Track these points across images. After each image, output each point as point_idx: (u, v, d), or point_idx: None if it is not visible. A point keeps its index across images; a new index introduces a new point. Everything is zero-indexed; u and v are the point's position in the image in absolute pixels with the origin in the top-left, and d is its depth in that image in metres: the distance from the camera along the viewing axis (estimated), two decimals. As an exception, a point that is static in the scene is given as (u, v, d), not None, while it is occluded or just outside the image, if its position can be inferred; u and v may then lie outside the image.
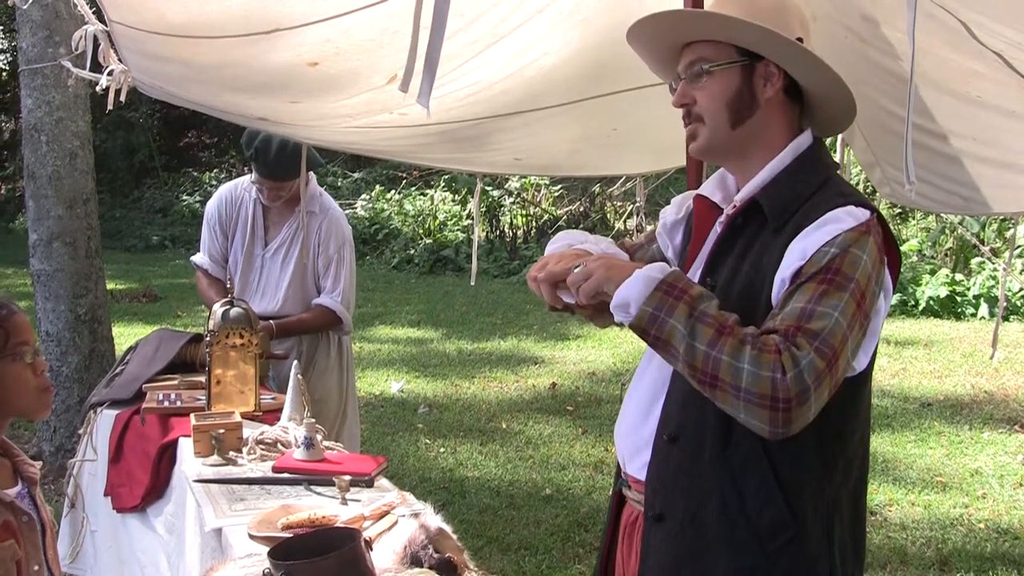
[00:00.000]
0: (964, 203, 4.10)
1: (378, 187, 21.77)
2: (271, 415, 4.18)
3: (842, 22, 3.13)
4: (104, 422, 4.52)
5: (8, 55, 24.01)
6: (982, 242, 13.53)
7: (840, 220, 2.22)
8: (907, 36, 1.89)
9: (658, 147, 4.75)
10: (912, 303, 13.51)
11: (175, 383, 4.58)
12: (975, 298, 13.32)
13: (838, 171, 2.51)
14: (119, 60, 3.77)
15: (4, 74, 26.77)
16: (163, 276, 18.06)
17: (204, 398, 4.24)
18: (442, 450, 7.97)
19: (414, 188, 21.68)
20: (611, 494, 2.76)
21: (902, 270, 13.36)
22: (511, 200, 19.72)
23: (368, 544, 2.58)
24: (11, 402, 2.64)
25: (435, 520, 2.67)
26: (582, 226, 18.67)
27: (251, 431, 3.79)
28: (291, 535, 2.65)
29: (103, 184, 22.57)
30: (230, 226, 5.29)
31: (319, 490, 3.30)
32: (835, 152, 4.36)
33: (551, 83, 3.91)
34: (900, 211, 15.39)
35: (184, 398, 4.37)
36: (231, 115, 4.32)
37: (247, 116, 4.25)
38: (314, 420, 3.61)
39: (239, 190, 5.33)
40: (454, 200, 20.56)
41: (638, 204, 6.13)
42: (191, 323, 12.73)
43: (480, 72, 3.72)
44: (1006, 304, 7.80)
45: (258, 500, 3.22)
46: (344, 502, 3.10)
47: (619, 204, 18.97)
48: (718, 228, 2.49)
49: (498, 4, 3.27)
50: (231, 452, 3.66)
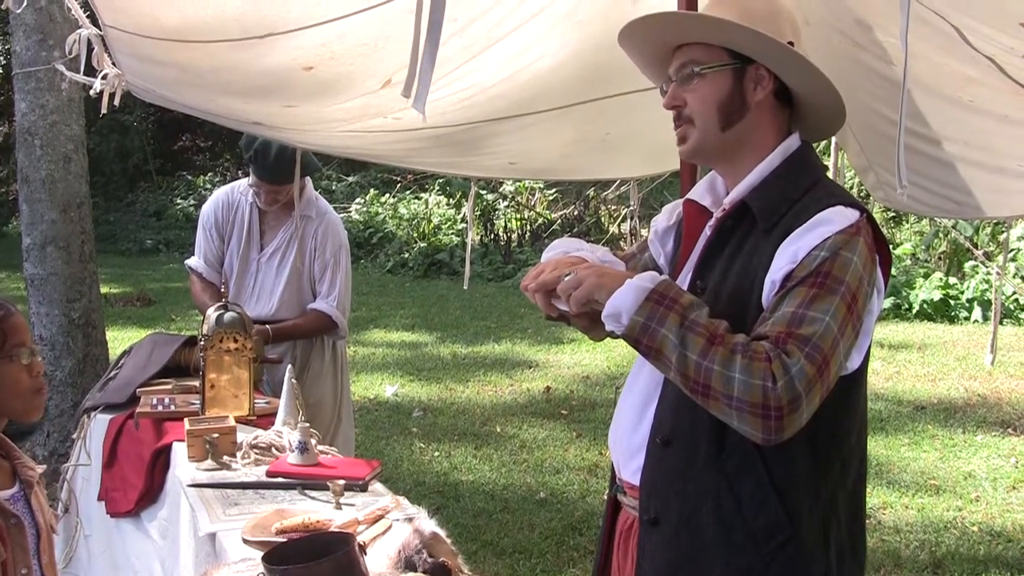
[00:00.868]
0: (957, 207, 4.11)
1: (372, 191, 21.76)
2: (265, 419, 4.17)
3: (836, 26, 3.13)
4: (98, 426, 4.51)
5: (2, 58, 23.96)
6: (975, 246, 13.56)
7: (830, 222, 2.22)
8: (900, 41, 1.89)
9: (652, 151, 4.75)
10: (906, 307, 13.52)
11: (169, 387, 4.57)
12: (968, 302, 13.34)
13: (827, 174, 2.52)
14: (113, 64, 3.77)
15: (-2, 78, 26.75)
16: (157, 280, 18.04)
17: (198, 402, 4.23)
18: (436, 454, 7.96)
19: (408, 192, 21.68)
20: (606, 499, 2.75)
21: (895, 274, 13.45)
22: (505, 204, 19.73)
23: (362, 549, 2.58)
24: (4, 403, 2.63)
25: (429, 524, 2.67)
26: (576, 230, 18.71)
27: (245, 435, 3.78)
28: (285, 540, 2.65)
29: (97, 188, 22.55)
30: (226, 230, 5.29)
31: (313, 494, 3.29)
32: (829, 156, 4.37)
33: (545, 87, 3.92)
34: (894, 215, 15.41)
35: (178, 402, 4.36)
36: (226, 119, 4.33)
37: (242, 120, 4.25)
38: (308, 424, 3.60)
39: (235, 194, 5.33)
40: (448, 204, 20.56)
41: (632, 208, 6.14)
42: (185, 327, 12.73)
43: (475, 76, 3.72)
44: (998, 307, 7.83)
45: (252, 505, 3.21)
46: (338, 506, 3.10)
47: (613, 208, 18.98)
48: (707, 231, 2.49)
49: (492, 8, 3.27)
50: (225, 456, 3.65)
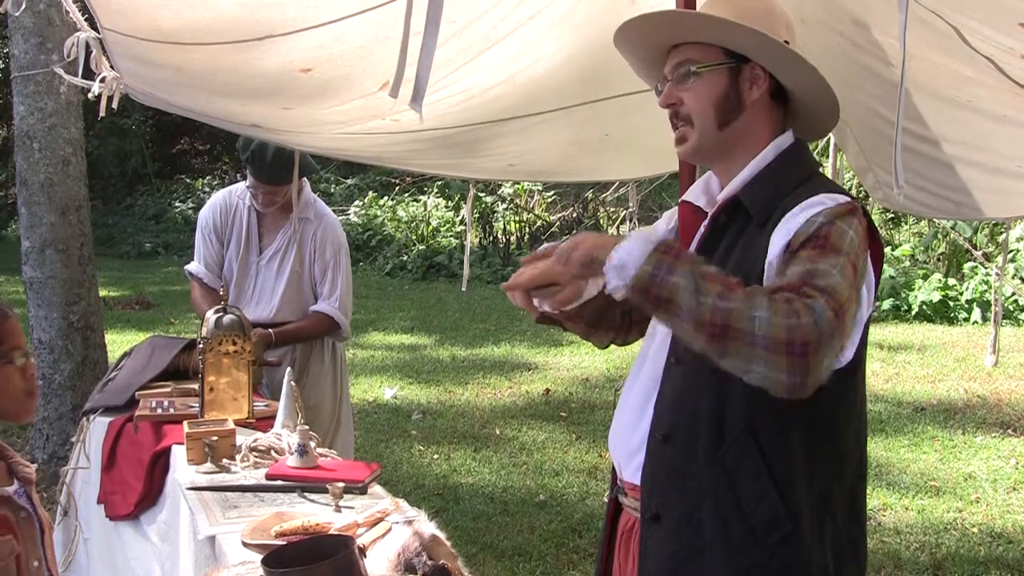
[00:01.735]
0: (956, 208, 4.11)
1: (371, 193, 21.77)
2: (264, 422, 4.17)
3: (834, 27, 3.13)
4: (97, 429, 4.50)
5: (0, 61, 23.95)
6: (974, 247, 13.56)
7: (822, 203, 2.22)
8: (898, 41, 1.89)
9: (651, 152, 4.75)
10: (905, 308, 13.52)
11: (168, 390, 4.57)
12: (968, 303, 13.34)
13: (826, 174, 2.52)
14: (111, 67, 3.77)
15: (-4, 81, 26.74)
16: (156, 283, 18.03)
17: (197, 405, 4.23)
18: (436, 456, 7.96)
19: (407, 194, 21.68)
20: (607, 501, 2.75)
21: (894, 275, 13.46)
22: (504, 206, 19.72)
23: (362, 551, 2.57)
24: None
25: (429, 527, 2.67)
26: (575, 232, 18.68)
27: (244, 438, 3.78)
28: (284, 543, 2.65)
29: (96, 191, 22.57)
30: (225, 233, 5.28)
31: (313, 497, 3.29)
32: (828, 157, 4.37)
33: (544, 89, 3.91)
34: (892, 216, 15.42)
35: (177, 405, 4.35)
36: (223, 122, 4.32)
37: (239, 123, 4.24)
38: (307, 427, 3.60)
39: (233, 197, 5.32)
40: (447, 206, 20.55)
41: (631, 209, 6.13)
42: (184, 330, 12.72)
43: (473, 78, 3.72)
44: (999, 308, 7.83)
45: (251, 507, 3.21)
46: (338, 509, 3.10)
47: (612, 210, 18.97)
48: (702, 229, 2.50)
49: (490, 10, 3.27)
50: (224, 459, 3.65)
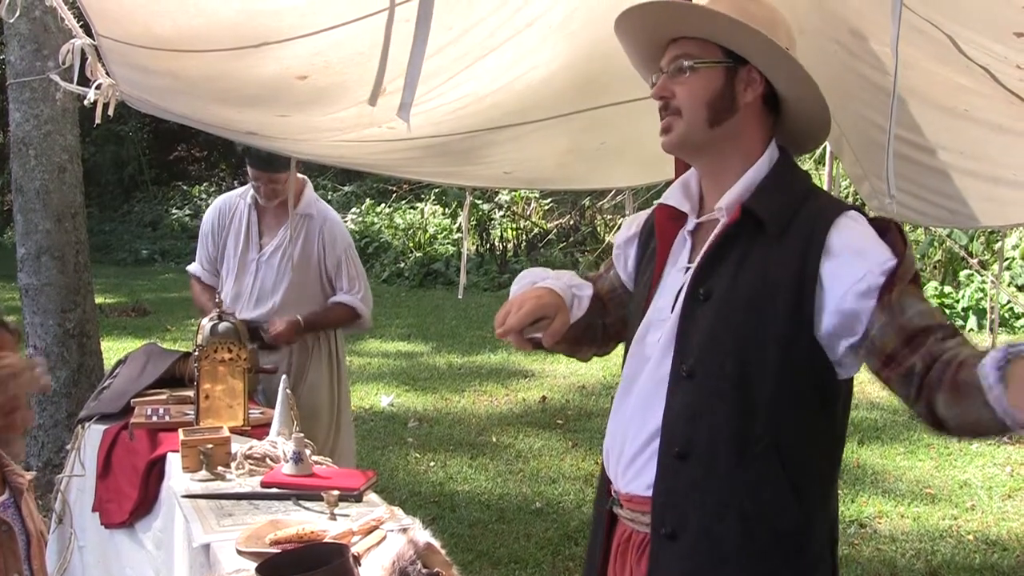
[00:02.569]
0: (952, 216, 4.11)
1: (368, 200, 21.75)
2: (260, 430, 4.17)
3: (830, 36, 3.14)
4: (92, 437, 4.50)
5: (-4, 68, 24.00)
6: (970, 255, 13.56)
7: (864, 232, 2.28)
8: (891, 48, 1.89)
9: (647, 160, 4.75)
10: (901, 315, 13.50)
11: (163, 398, 4.57)
12: (964, 310, 13.33)
13: (823, 183, 2.57)
14: (107, 74, 3.77)
15: (-8, 87, 26.75)
16: (152, 290, 18.02)
17: (193, 413, 4.23)
18: (432, 464, 7.95)
19: (404, 201, 21.67)
20: (599, 512, 2.69)
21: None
22: (501, 213, 19.72)
23: (356, 559, 2.57)
24: None
25: (424, 535, 2.67)
26: (572, 239, 18.72)
27: (240, 446, 3.78)
28: (279, 550, 2.65)
29: (92, 197, 22.54)
30: (222, 233, 5.32)
31: (308, 505, 3.29)
32: (824, 166, 4.37)
33: (540, 96, 3.92)
34: (889, 224, 15.42)
35: (172, 413, 4.36)
36: (220, 129, 4.32)
37: (236, 130, 4.25)
38: (303, 435, 3.60)
39: (235, 198, 5.39)
40: (444, 213, 20.55)
41: (628, 217, 6.13)
42: (180, 337, 12.72)
43: (469, 85, 3.72)
44: (995, 316, 7.83)
45: (246, 515, 3.21)
46: (332, 517, 3.10)
47: (609, 217, 18.96)
48: (687, 237, 2.54)
49: (487, 18, 3.27)
50: (219, 467, 3.65)
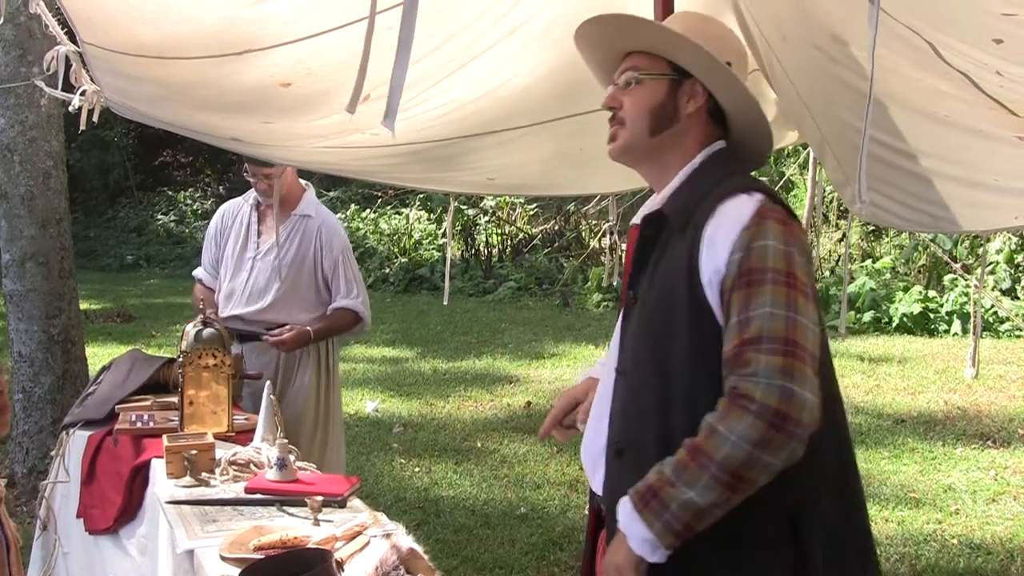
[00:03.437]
0: (934, 221, 4.13)
1: (353, 206, 21.77)
2: (244, 435, 4.17)
3: (812, 42, 3.15)
4: (77, 443, 4.49)
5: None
6: (954, 259, 13.62)
7: (736, 220, 2.33)
8: (867, 53, 1.91)
9: (630, 166, 4.76)
10: (886, 320, 13.57)
11: (148, 404, 4.56)
12: (948, 315, 13.38)
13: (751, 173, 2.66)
14: (91, 80, 3.77)
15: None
16: (137, 296, 18.00)
17: (177, 419, 4.23)
18: (417, 470, 7.95)
19: (389, 207, 21.68)
20: (587, 511, 2.80)
21: (876, 287, 13.52)
22: (486, 219, 19.74)
23: (339, 565, 2.58)
24: None
25: (407, 540, 2.68)
26: (557, 244, 18.76)
27: (224, 452, 3.78)
28: (263, 556, 2.65)
29: (77, 203, 22.53)
30: (225, 234, 5.38)
31: (291, 511, 3.29)
32: (808, 171, 4.39)
33: (523, 103, 3.93)
34: (873, 229, 15.48)
35: (157, 419, 4.35)
36: (204, 135, 4.32)
37: (220, 136, 4.25)
38: (287, 440, 3.60)
39: (239, 201, 5.47)
40: (429, 219, 20.57)
41: (612, 223, 6.15)
42: (165, 343, 12.69)
43: (453, 92, 3.74)
44: (978, 320, 7.88)
45: (230, 521, 3.21)
46: (316, 523, 3.10)
47: (594, 223, 19.01)
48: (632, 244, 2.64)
49: (470, 25, 3.29)
50: (204, 473, 3.65)
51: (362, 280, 5.42)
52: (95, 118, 3.87)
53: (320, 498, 3.18)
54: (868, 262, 15.34)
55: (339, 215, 21.16)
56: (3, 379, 2.72)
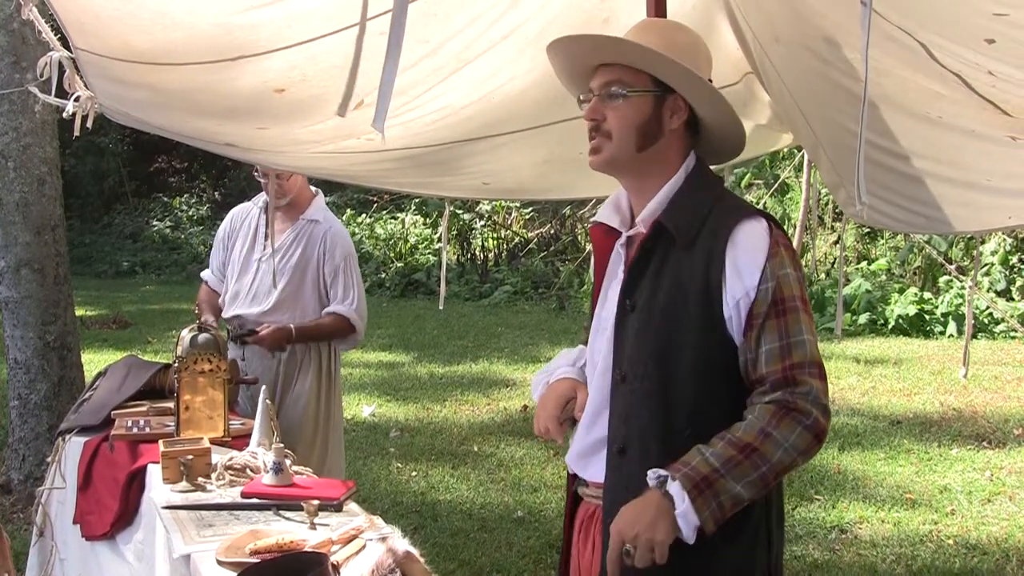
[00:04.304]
0: (927, 223, 4.14)
1: (349, 211, 21.75)
2: (240, 440, 4.16)
3: (805, 44, 3.16)
4: (73, 449, 4.49)
5: (-25, 81, 23.90)
6: (949, 261, 13.64)
7: (753, 247, 2.50)
8: (860, 54, 1.92)
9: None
10: (881, 322, 13.58)
11: (144, 409, 4.56)
12: (943, 316, 13.41)
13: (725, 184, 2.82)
14: (85, 86, 3.77)
15: (-29, 100, 26.59)
16: (133, 302, 17.98)
17: (173, 424, 4.23)
18: (414, 474, 7.95)
19: (385, 212, 21.68)
20: (566, 495, 2.96)
21: (871, 289, 13.57)
22: (482, 223, 19.74)
23: (336, 569, 2.58)
24: None
25: (403, 544, 2.68)
26: (553, 248, 18.76)
27: (220, 457, 3.77)
28: (259, 560, 2.65)
29: (73, 210, 22.49)
30: (233, 236, 5.40)
31: (288, 515, 3.29)
32: (802, 173, 4.40)
33: (517, 107, 3.93)
34: (868, 230, 15.51)
35: (153, 424, 4.35)
36: (199, 141, 4.32)
37: (215, 142, 4.24)
38: (283, 445, 3.60)
39: (249, 205, 5.49)
40: (425, 223, 20.57)
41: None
42: (161, 349, 12.68)
43: (447, 97, 3.74)
44: (973, 322, 7.89)
45: (227, 526, 3.21)
46: (312, 527, 3.10)
47: (589, 226, 18.98)
48: (620, 250, 2.72)
49: (463, 31, 3.29)
50: (200, 478, 3.64)
51: (362, 290, 5.40)
52: (89, 124, 3.87)
53: (316, 502, 3.18)
54: (864, 264, 15.37)
55: (335, 220, 21.16)
56: None
